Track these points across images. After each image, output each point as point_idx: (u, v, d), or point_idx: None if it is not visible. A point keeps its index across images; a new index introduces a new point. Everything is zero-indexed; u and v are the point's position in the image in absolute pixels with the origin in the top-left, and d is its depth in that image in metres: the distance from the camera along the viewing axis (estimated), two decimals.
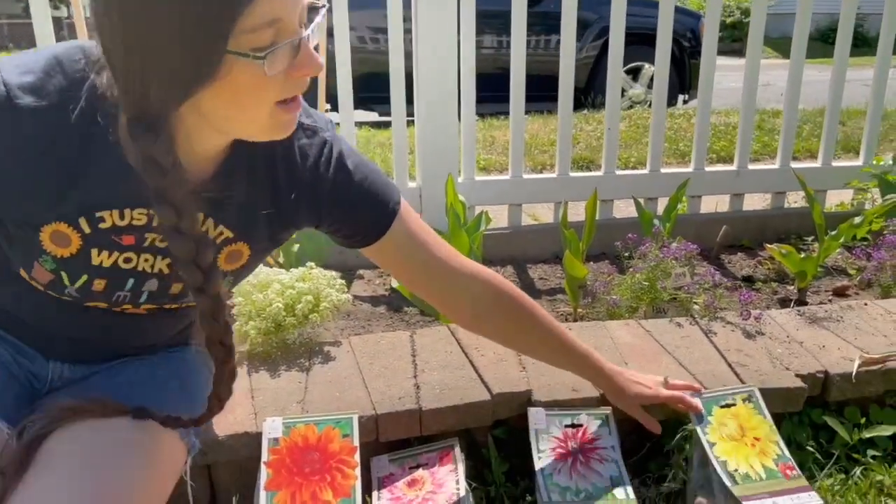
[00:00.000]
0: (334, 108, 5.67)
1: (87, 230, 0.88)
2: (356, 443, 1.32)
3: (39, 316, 1.01)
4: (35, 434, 0.92)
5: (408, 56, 2.46)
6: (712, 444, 1.36)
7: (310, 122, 0.99)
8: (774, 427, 1.41)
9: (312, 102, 2.71)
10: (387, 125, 5.64)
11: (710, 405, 1.43)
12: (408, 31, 2.44)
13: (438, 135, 2.50)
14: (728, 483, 1.30)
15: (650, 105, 6.34)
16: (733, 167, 2.83)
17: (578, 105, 5.54)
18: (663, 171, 2.75)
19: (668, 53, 2.65)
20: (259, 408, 1.40)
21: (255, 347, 1.57)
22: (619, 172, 2.72)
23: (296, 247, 2.19)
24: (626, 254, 2.04)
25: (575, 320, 2.03)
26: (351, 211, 1.03)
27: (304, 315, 1.59)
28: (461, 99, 2.53)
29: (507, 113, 2.58)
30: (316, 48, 0.81)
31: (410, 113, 2.53)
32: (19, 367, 1.04)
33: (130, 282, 0.95)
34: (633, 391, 1.36)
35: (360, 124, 5.31)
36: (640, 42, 4.63)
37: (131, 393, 1.03)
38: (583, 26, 5.89)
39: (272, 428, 1.33)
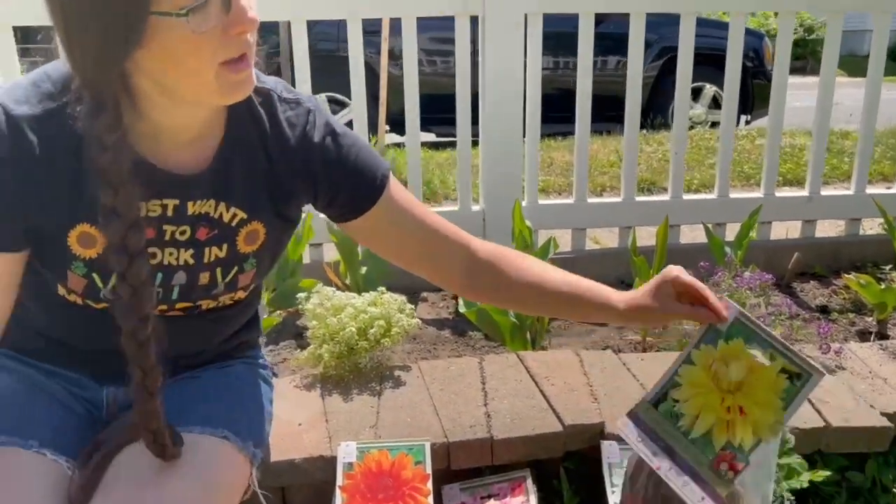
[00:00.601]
0: (393, 129, 5.78)
1: None
2: (429, 470, 1.32)
3: (82, 335, 1.02)
4: (98, 460, 0.95)
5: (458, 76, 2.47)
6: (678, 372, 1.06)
7: (291, 95, 1.00)
8: (782, 422, 1.00)
9: (373, 125, 2.74)
10: (444, 146, 5.70)
11: (737, 329, 1.04)
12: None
13: (503, 158, 2.50)
14: (669, 425, 1.05)
15: (711, 125, 6.26)
16: (805, 192, 2.75)
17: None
18: (732, 195, 2.69)
19: (738, 75, 2.61)
20: (333, 431, 1.41)
21: (329, 371, 1.58)
22: (686, 197, 2.68)
23: (363, 269, 2.21)
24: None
25: (644, 350, 2.00)
26: (344, 175, 1.01)
27: (377, 339, 1.60)
28: (526, 122, 2.53)
29: (563, 133, 2.58)
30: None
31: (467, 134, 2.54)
32: (75, 399, 1.06)
33: (159, 277, 0.96)
34: (656, 300, 1.07)
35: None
36: (701, 62, 4.56)
37: (186, 413, 1.04)
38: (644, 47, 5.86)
39: (347, 453, 1.34)
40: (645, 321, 1.08)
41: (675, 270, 1.06)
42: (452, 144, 5.40)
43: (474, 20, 2.42)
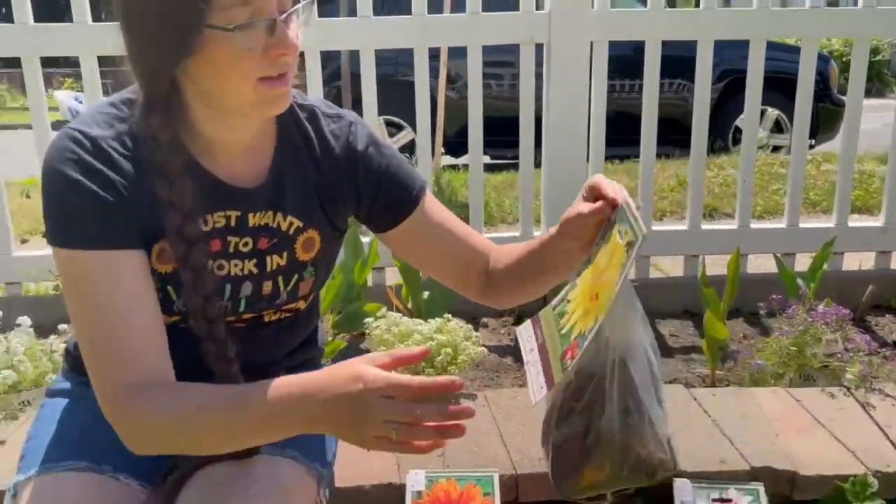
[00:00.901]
0: (449, 152, 5.82)
1: None
2: (497, 502, 1.31)
3: None
4: (172, 484, 0.98)
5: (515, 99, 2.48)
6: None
7: (332, 111, 1.06)
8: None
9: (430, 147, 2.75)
10: (500, 168, 5.71)
11: (621, 212, 0.94)
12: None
13: (566, 184, 2.48)
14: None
15: (773, 150, 6.12)
16: (879, 223, 2.66)
17: None
18: (802, 225, 2.62)
19: (810, 101, 2.55)
20: (401, 459, 1.41)
21: None
22: (754, 226, 2.62)
23: (425, 294, 2.22)
24: (763, 311, 1.95)
25: (713, 384, 1.95)
26: (384, 183, 1.06)
27: (444, 367, 1.60)
28: (590, 148, 2.51)
29: (620, 157, 2.55)
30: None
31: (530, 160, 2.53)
32: None
33: (227, 288, 0.99)
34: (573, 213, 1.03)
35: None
36: (764, 85, 4.48)
37: None
38: None
39: (415, 481, 1.34)
40: (571, 232, 1.00)
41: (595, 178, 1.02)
42: (507, 167, 5.44)
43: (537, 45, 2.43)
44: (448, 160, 6.00)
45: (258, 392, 0.86)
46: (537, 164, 2.55)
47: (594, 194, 1.00)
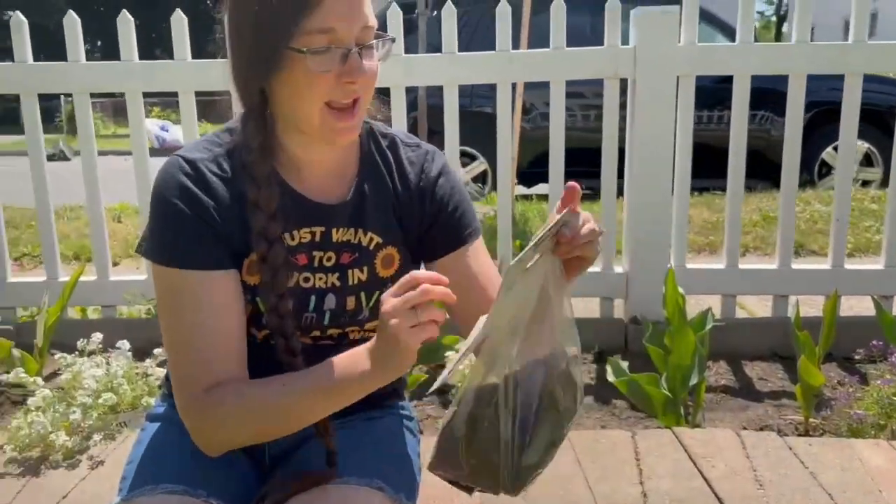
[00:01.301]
0: (522, 181, 5.82)
1: None
2: None
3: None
4: None
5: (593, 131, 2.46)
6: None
7: (412, 140, 1.12)
8: None
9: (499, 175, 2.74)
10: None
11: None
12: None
13: (650, 219, 2.45)
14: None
15: (862, 184, 5.86)
16: None
17: (778, 182, 5.25)
18: None
19: None
20: (484, 499, 1.40)
21: None
22: (849, 266, 2.51)
23: None
24: (860, 356, 1.86)
25: (806, 432, 1.86)
26: (443, 212, 1.08)
27: None
28: (675, 184, 2.47)
29: (699, 189, 2.50)
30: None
31: (613, 195, 2.50)
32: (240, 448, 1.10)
33: (312, 300, 1.02)
34: None
35: (543, 197, 5.37)
36: None
37: (342, 462, 1.05)
38: (781, 100, 5.63)
39: None
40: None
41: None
42: (581, 198, 5.39)
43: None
44: (521, 189, 5.99)
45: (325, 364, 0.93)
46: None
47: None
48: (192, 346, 0.97)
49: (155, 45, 28.26)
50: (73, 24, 2.45)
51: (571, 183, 0.89)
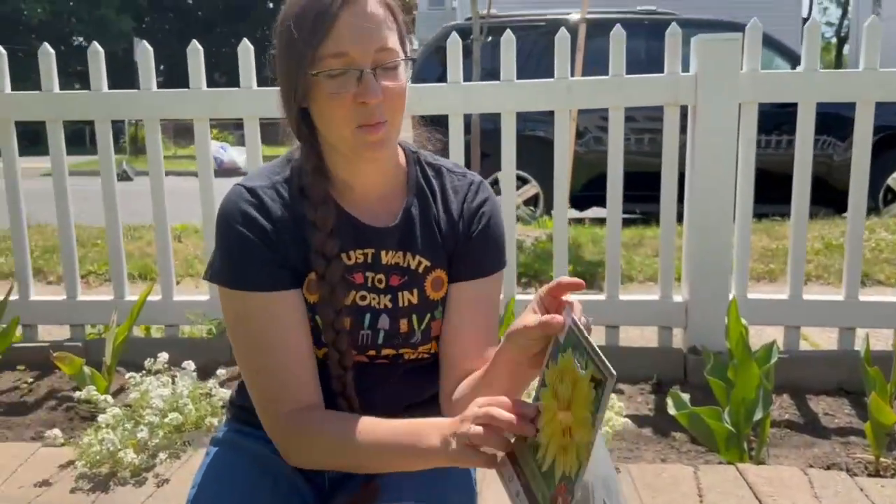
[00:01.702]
0: (574, 205, 5.79)
1: None
2: None
3: None
4: None
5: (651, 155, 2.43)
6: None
7: (459, 170, 1.15)
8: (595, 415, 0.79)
9: (548, 202, 2.75)
10: (625, 223, 5.57)
11: (570, 337, 0.85)
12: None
13: (711, 248, 2.41)
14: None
15: None
16: None
17: (840, 208, 5.09)
18: None
19: None
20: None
21: None
22: None
23: None
24: None
25: (877, 472, 1.79)
26: (477, 237, 1.10)
27: None
28: (737, 212, 2.43)
29: (757, 215, 2.46)
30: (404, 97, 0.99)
31: (672, 220, 2.47)
32: (299, 472, 1.10)
33: (367, 317, 1.05)
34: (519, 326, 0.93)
35: (598, 221, 5.32)
36: None
37: (396, 486, 1.05)
38: (843, 125, 5.47)
39: None
40: (517, 342, 0.92)
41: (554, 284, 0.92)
42: (632, 221, 5.32)
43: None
44: (572, 213, 5.96)
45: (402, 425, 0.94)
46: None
47: (545, 304, 0.92)
48: (266, 369, 1.02)
49: (213, 68, 29.16)
50: (146, 54, 2.55)
51: (563, 279, 0.88)
